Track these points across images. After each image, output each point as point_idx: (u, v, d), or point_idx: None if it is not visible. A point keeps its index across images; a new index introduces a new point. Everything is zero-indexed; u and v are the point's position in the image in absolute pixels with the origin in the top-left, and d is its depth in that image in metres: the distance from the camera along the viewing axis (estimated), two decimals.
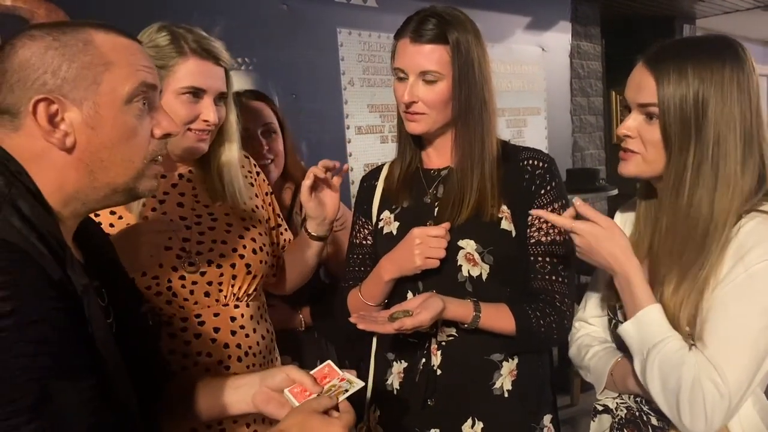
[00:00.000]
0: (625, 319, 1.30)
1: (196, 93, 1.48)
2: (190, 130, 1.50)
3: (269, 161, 2.03)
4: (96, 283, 1.01)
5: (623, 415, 1.37)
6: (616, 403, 1.39)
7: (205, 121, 1.49)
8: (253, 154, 1.91)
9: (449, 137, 1.52)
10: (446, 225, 1.45)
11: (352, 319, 1.38)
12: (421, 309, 1.34)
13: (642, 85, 1.25)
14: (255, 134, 2.01)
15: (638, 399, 1.35)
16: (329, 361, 1.18)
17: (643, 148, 1.26)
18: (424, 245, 1.42)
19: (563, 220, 1.29)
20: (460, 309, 1.40)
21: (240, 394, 1.20)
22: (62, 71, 0.93)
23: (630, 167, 1.29)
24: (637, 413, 1.35)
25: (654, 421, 1.32)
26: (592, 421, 1.45)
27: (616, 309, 1.39)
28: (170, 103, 1.47)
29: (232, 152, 1.61)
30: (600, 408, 1.42)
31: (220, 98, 1.53)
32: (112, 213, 1.50)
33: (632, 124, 1.27)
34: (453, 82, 1.43)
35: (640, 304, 1.24)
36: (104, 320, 0.97)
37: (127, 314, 1.09)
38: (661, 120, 1.22)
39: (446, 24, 1.42)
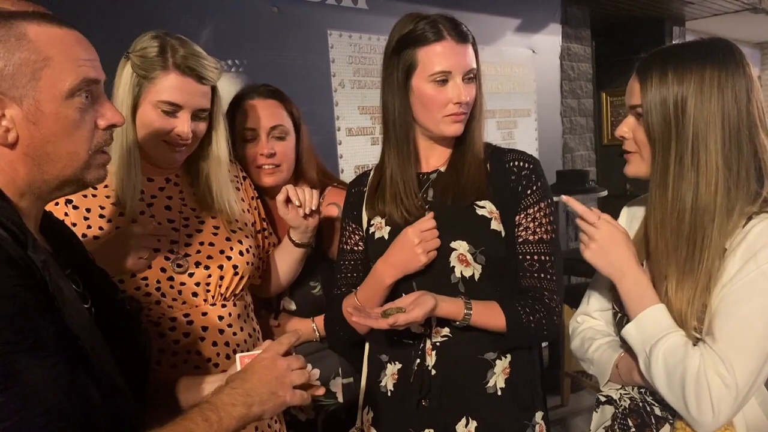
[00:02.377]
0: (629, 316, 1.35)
1: (173, 107, 1.49)
2: (164, 141, 1.52)
3: (272, 167, 1.88)
4: (68, 270, 1.02)
5: (626, 405, 1.40)
6: (620, 393, 1.42)
7: (178, 135, 1.51)
8: (257, 157, 1.86)
9: (445, 140, 1.53)
10: (432, 214, 1.48)
11: (347, 309, 1.42)
12: (413, 306, 1.36)
13: (632, 89, 1.33)
14: (261, 137, 1.87)
15: (642, 390, 1.38)
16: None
17: (637, 147, 1.34)
18: (424, 242, 1.45)
19: (591, 213, 1.36)
20: (451, 306, 1.42)
21: (210, 389, 1.23)
22: None
23: (632, 168, 1.38)
24: (640, 403, 1.38)
25: (657, 411, 1.35)
26: (594, 413, 1.48)
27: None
28: (147, 113, 1.50)
29: (220, 168, 1.62)
30: (603, 399, 1.45)
31: (200, 113, 1.54)
32: (101, 216, 1.52)
33: (628, 125, 1.36)
34: (479, 79, 1.51)
35: (645, 305, 1.29)
36: (78, 302, 0.98)
37: (104, 301, 1.10)
38: (644, 120, 1.30)
39: (461, 24, 1.49)
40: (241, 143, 1.87)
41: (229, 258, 1.59)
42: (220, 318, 1.56)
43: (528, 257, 1.49)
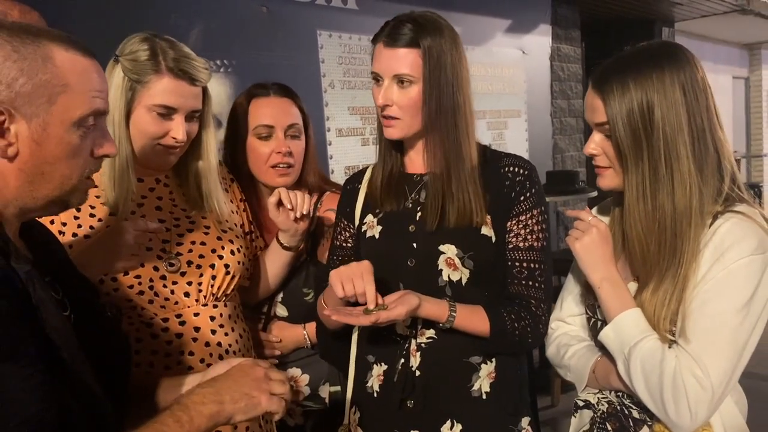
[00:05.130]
0: (603, 318, 1.35)
1: (167, 110, 1.49)
2: (159, 144, 1.52)
3: (285, 167, 1.82)
4: (48, 278, 1.02)
5: (605, 410, 1.39)
6: (597, 398, 1.41)
7: (174, 138, 1.51)
8: (271, 155, 1.81)
9: (428, 141, 1.52)
10: (367, 265, 1.38)
11: (326, 312, 1.39)
12: (396, 304, 1.35)
13: (593, 106, 1.30)
14: (278, 135, 1.82)
15: (619, 393, 1.37)
16: None
17: (610, 162, 1.32)
18: (345, 279, 1.36)
19: (586, 213, 1.38)
20: (435, 308, 1.40)
21: (185, 391, 1.21)
22: (18, 85, 0.92)
23: (606, 181, 1.36)
24: (618, 407, 1.37)
25: (635, 414, 1.34)
26: (573, 417, 1.47)
27: (596, 308, 1.41)
28: (141, 117, 1.49)
29: (210, 167, 1.62)
30: (581, 404, 1.44)
31: (193, 114, 1.54)
32: (92, 216, 1.51)
33: (596, 142, 1.33)
34: (423, 86, 1.43)
35: (623, 308, 1.29)
36: (58, 310, 0.98)
37: (84, 307, 1.09)
38: (612, 136, 1.27)
39: (420, 28, 1.43)
40: (253, 141, 1.83)
41: (221, 257, 1.59)
42: (212, 318, 1.56)
43: (517, 264, 1.47)
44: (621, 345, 1.27)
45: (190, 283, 1.53)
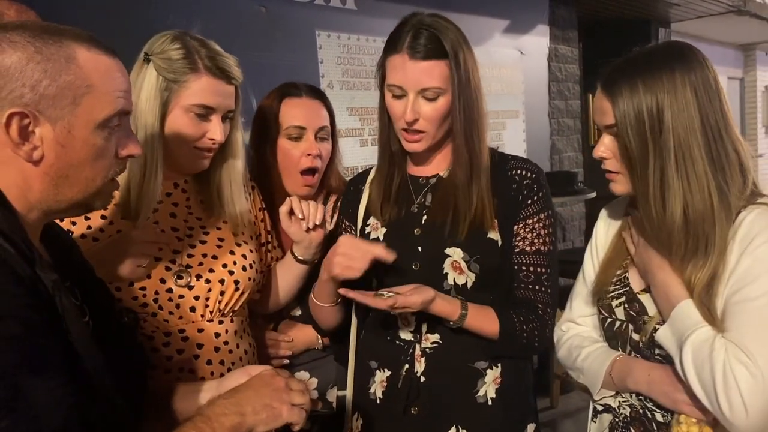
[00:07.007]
0: (626, 318, 1.35)
1: (206, 111, 1.45)
2: (195, 147, 1.48)
3: (312, 174, 1.82)
4: (67, 283, 1.01)
5: (627, 414, 1.38)
6: (618, 401, 1.40)
7: (212, 139, 1.47)
8: (302, 157, 1.80)
9: (440, 146, 1.50)
10: (382, 246, 1.40)
11: (341, 291, 1.37)
12: (413, 293, 1.34)
13: (603, 109, 1.29)
14: (309, 136, 1.81)
15: (641, 397, 1.36)
16: None
17: (620, 166, 1.31)
18: (346, 257, 1.38)
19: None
20: (447, 305, 1.40)
21: (202, 398, 1.21)
22: (42, 87, 0.91)
23: (618, 187, 1.34)
24: (641, 411, 1.36)
25: (659, 417, 1.33)
26: (591, 422, 1.46)
27: (612, 308, 1.40)
28: (178, 119, 1.45)
29: (235, 170, 1.57)
30: (600, 408, 1.43)
31: (228, 114, 1.51)
32: (103, 218, 1.46)
33: (605, 145, 1.32)
34: (453, 96, 1.40)
35: (677, 301, 1.25)
36: (79, 317, 0.97)
37: (102, 313, 1.08)
38: (620, 138, 1.26)
39: (441, 35, 1.39)
40: (284, 142, 1.81)
41: (231, 272, 1.53)
42: (217, 335, 1.50)
43: (524, 268, 1.47)
44: (679, 341, 1.22)
45: (197, 298, 1.48)
